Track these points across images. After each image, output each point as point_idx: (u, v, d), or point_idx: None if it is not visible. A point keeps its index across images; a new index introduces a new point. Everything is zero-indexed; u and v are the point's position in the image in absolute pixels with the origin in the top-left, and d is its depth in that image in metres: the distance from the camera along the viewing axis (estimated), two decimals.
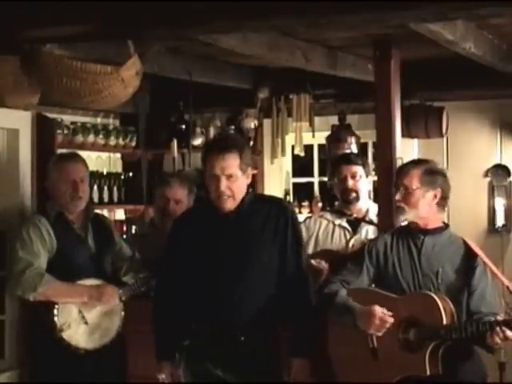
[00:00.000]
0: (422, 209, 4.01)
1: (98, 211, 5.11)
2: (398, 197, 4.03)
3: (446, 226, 4.10)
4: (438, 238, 4.03)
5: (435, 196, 4.02)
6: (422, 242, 4.01)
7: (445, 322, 3.78)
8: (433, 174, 4.03)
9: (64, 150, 5.45)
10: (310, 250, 5.01)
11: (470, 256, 3.99)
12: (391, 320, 3.85)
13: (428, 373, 3.78)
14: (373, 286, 4.13)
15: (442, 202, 4.04)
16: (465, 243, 4.04)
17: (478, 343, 3.87)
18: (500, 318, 3.80)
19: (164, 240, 4.41)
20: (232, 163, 3.86)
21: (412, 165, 4.10)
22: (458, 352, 3.85)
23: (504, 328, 3.67)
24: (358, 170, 5.08)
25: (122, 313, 4.55)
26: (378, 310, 3.86)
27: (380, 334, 3.87)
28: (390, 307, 3.91)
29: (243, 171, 3.90)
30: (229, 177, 3.86)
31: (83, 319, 4.46)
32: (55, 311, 4.39)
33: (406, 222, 4.14)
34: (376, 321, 3.85)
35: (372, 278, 4.08)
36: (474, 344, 3.90)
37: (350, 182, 5.05)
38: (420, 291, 3.94)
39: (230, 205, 3.91)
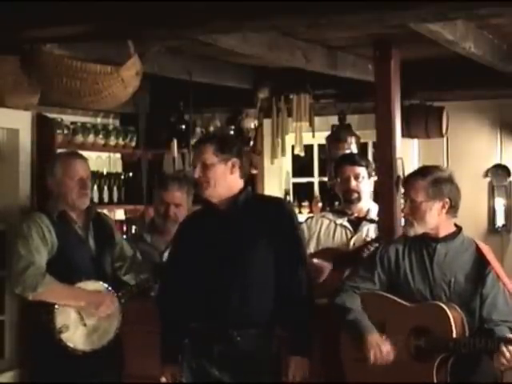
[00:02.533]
0: (430, 221, 3.96)
1: (100, 211, 5.11)
2: (405, 210, 3.99)
3: (459, 230, 4.05)
4: (451, 244, 3.99)
5: (443, 206, 3.96)
6: (435, 250, 3.97)
7: (455, 334, 3.76)
8: (440, 184, 3.96)
9: (64, 150, 5.45)
10: (312, 249, 5.02)
11: (481, 263, 3.94)
12: (390, 359, 3.87)
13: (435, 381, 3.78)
14: None
15: (452, 209, 4.00)
16: (477, 249, 3.99)
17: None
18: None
19: (165, 242, 4.41)
20: (205, 150, 3.92)
21: (418, 176, 4.01)
22: (468, 356, 3.82)
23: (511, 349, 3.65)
24: (362, 171, 5.08)
25: (121, 315, 4.54)
26: (387, 345, 3.87)
27: (372, 362, 3.87)
28: (401, 314, 3.91)
29: (220, 159, 3.90)
30: (203, 164, 3.90)
31: (82, 321, 4.45)
32: (54, 313, 4.38)
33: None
34: (382, 352, 3.86)
35: (384, 285, 4.04)
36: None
37: (353, 183, 5.05)
38: (432, 301, 3.90)
39: (208, 192, 3.91)
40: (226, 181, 3.93)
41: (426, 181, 3.96)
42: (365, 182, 5.09)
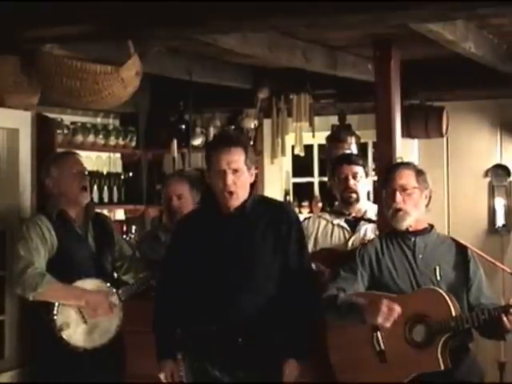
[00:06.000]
0: (422, 209, 4.00)
1: (98, 211, 5.13)
2: (397, 200, 3.96)
3: (432, 226, 4.09)
4: (428, 238, 4.02)
5: (426, 196, 4.03)
6: (414, 243, 3.99)
7: (454, 313, 3.76)
8: (423, 174, 4.03)
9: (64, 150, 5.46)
10: (309, 250, 5.01)
11: (461, 251, 4.00)
12: (399, 309, 3.75)
13: (442, 367, 3.75)
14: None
15: (428, 202, 4.05)
16: (453, 239, 4.05)
17: (490, 332, 3.85)
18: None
19: None
20: (238, 157, 3.85)
21: (402, 166, 4.08)
22: (455, 352, 3.82)
23: None
24: (359, 170, 5.08)
25: (121, 313, 4.56)
26: (385, 300, 3.79)
27: (388, 324, 3.75)
28: None
29: (248, 168, 3.89)
30: (235, 171, 3.84)
31: (82, 319, 4.47)
32: (55, 311, 4.40)
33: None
34: (384, 309, 3.74)
35: (367, 284, 4.03)
36: (485, 334, 3.88)
37: (351, 182, 5.05)
38: (423, 287, 3.91)
39: (234, 202, 3.88)
40: (247, 190, 3.93)
41: (412, 169, 4.03)
42: (362, 182, 5.10)
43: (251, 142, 6.85)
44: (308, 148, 6.99)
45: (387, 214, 4.05)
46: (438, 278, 3.92)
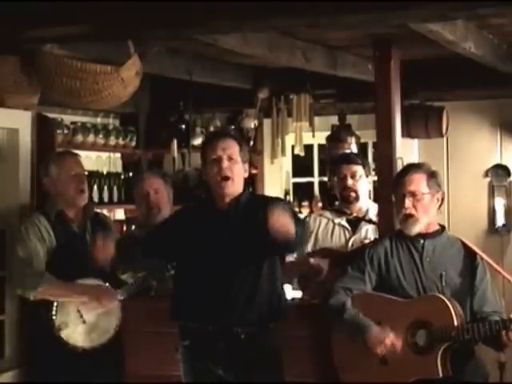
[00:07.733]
0: (432, 214, 3.98)
1: (98, 210, 5.13)
2: (407, 206, 3.96)
3: (443, 228, 4.08)
4: (438, 240, 4.01)
5: (438, 199, 4.00)
6: (423, 246, 3.98)
7: (456, 323, 3.76)
8: (434, 177, 4.01)
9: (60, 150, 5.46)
10: (309, 248, 5.01)
11: (470, 256, 3.99)
12: (399, 347, 3.83)
13: (440, 375, 3.75)
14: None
15: (441, 204, 4.03)
16: (463, 243, 4.03)
17: (489, 343, 3.85)
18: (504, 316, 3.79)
19: None
20: (233, 145, 3.92)
21: (413, 170, 4.04)
22: (460, 353, 3.83)
23: None
24: (358, 169, 5.08)
25: (120, 312, 4.56)
26: (391, 336, 3.82)
27: (381, 356, 3.84)
28: (397, 311, 3.90)
29: (242, 160, 3.94)
30: (230, 158, 3.89)
31: (81, 318, 4.47)
32: (53, 310, 4.40)
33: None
34: (387, 342, 3.82)
35: (374, 284, 4.04)
36: (485, 344, 3.88)
37: (350, 181, 5.05)
38: (428, 294, 3.91)
39: (230, 189, 3.90)
40: (242, 181, 3.96)
41: (423, 173, 3.99)
42: (362, 181, 5.09)
43: (251, 142, 6.86)
44: (308, 148, 6.99)
45: (397, 218, 4.06)
46: (444, 283, 3.91)
